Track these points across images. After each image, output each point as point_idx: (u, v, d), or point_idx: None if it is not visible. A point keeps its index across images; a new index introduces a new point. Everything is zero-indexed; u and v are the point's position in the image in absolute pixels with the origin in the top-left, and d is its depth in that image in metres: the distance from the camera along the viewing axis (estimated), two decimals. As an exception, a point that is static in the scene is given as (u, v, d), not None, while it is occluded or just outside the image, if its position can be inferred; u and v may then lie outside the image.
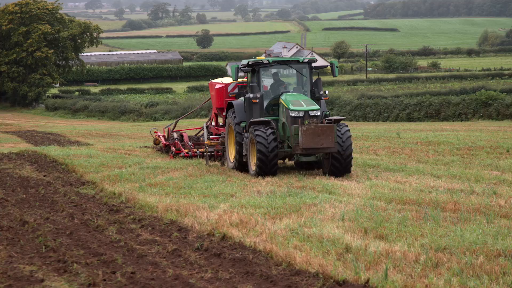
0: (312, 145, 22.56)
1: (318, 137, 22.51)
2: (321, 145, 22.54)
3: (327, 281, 10.63)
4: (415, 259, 11.61)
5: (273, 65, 24.73)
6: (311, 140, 22.52)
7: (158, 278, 11.10)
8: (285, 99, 23.67)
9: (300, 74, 24.86)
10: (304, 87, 24.88)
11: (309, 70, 24.83)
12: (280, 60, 24.77)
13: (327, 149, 22.66)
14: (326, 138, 22.49)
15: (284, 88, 24.96)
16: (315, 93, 24.73)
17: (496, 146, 30.54)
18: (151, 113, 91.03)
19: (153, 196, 19.48)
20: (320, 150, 22.89)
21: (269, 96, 24.82)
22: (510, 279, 10.37)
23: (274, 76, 25.25)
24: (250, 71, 24.83)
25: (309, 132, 22.52)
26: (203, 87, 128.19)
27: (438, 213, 15.53)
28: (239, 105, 25.18)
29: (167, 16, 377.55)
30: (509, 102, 61.44)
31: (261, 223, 14.89)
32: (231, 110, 25.44)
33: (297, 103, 23.42)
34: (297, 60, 24.77)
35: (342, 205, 16.99)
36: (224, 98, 28.49)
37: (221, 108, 28.87)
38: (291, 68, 24.93)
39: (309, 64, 24.85)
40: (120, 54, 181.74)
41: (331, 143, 22.54)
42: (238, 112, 24.92)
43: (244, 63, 25.10)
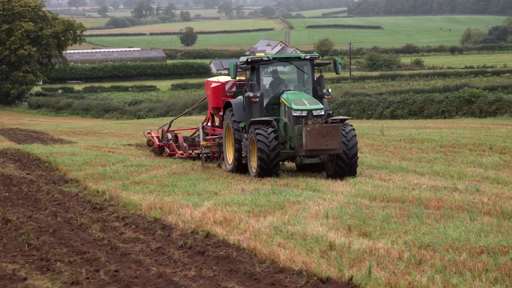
0: (316, 146, 21.65)
1: (323, 137, 21.58)
2: (326, 146, 21.63)
3: (311, 278, 10.64)
4: (398, 256, 11.64)
5: (273, 62, 23.73)
6: (315, 141, 21.60)
7: (141, 276, 11.07)
8: (287, 98, 22.72)
9: (302, 71, 23.89)
10: (306, 85, 23.93)
11: (311, 67, 23.83)
12: (281, 57, 23.93)
13: (332, 150, 21.77)
14: (331, 138, 21.57)
15: (284, 87, 23.94)
16: (318, 91, 23.73)
17: (479, 144, 30.66)
18: (134, 111, 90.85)
19: (136, 194, 19.44)
20: (325, 152, 21.96)
21: (269, 95, 23.87)
22: (492, 276, 10.42)
23: (273, 74, 24.29)
24: (250, 69, 23.71)
25: (313, 132, 21.60)
26: (187, 84, 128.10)
27: (422, 211, 15.58)
28: (238, 104, 24.20)
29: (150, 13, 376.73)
30: (492, 100, 61.68)
31: (245, 220, 14.88)
32: (229, 110, 24.47)
33: (299, 102, 22.47)
34: (298, 57, 23.84)
35: (326, 202, 17.01)
36: (221, 97, 27.43)
37: (217, 107, 27.80)
38: (291, 66, 23.94)
39: (311, 61, 23.83)
40: (104, 51, 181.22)
41: (336, 144, 21.65)
42: (236, 112, 23.97)
43: (243, 60, 24.03)
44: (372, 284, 10.13)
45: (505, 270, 10.62)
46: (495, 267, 10.79)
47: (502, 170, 23.39)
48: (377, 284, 10.13)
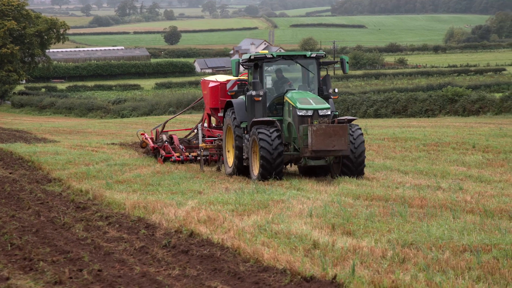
0: (322, 147, 20.60)
1: (330, 138, 20.55)
2: (332, 147, 20.60)
3: (295, 277, 10.64)
4: (382, 255, 11.66)
5: (277, 60, 22.72)
6: (321, 141, 20.55)
7: (125, 276, 11.05)
8: (291, 97, 21.77)
9: (307, 70, 22.91)
10: (311, 85, 22.95)
11: (317, 66, 22.89)
12: (285, 54, 22.92)
13: (339, 151, 20.73)
14: (339, 139, 20.55)
15: (289, 86, 22.90)
16: (323, 91, 22.78)
17: (462, 142, 30.78)
18: (118, 109, 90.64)
19: (120, 193, 19.40)
20: (331, 153, 20.91)
21: (272, 94, 22.84)
22: (475, 274, 10.46)
23: (277, 73, 23.22)
24: (252, 67, 22.73)
25: (319, 132, 20.57)
26: (171, 83, 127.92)
27: (405, 209, 15.62)
28: (239, 104, 23.22)
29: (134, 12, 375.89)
30: (475, 98, 61.95)
31: (229, 219, 14.88)
32: (230, 110, 23.45)
33: (305, 101, 21.50)
34: (303, 55, 22.78)
35: (310, 201, 17.03)
36: (219, 97, 26.56)
37: (215, 108, 26.88)
38: (296, 64, 22.93)
39: (316, 59, 22.87)
40: (87, 50, 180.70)
41: (344, 145, 20.61)
42: (238, 112, 22.98)
43: (245, 58, 23.05)
44: (356, 283, 10.14)
45: (487, 268, 10.66)
46: (478, 265, 10.83)
47: (485, 169, 23.49)
48: (360, 282, 10.14)
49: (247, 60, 22.88)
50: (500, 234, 12.91)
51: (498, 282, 10.11)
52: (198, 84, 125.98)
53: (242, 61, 23.03)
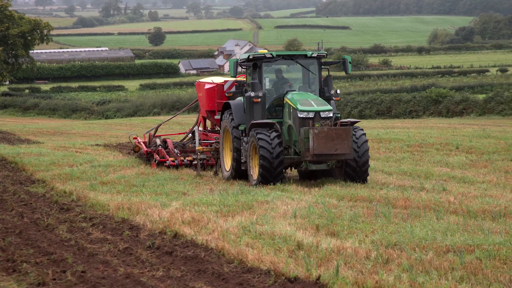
0: (324, 151, 19.82)
1: (332, 141, 19.77)
2: (335, 151, 19.82)
3: (279, 278, 10.65)
4: (366, 256, 11.69)
5: (277, 59, 21.86)
6: (323, 145, 19.78)
7: (109, 277, 11.03)
8: (292, 98, 20.96)
9: (308, 70, 22.11)
10: (312, 86, 22.13)
11: (318, 66, 22.08)
12: (285, 54, 22.04)
13: (342, 155, 20.04)
14: (341, 142, 19.79)
15: (289, 87, 22.08)
16: (325, 92, 21.95)
17: (446, 143, 30.90)
18: (102, 111, 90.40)
19: (104, 194, 19.36)
20: (334, 157, 20.18)
21: (272, 95, 21.99)
22: (458, 275, 10.51)
23: (276, 73, 22.41)
24: (251, 67, 21.82)
25: (321, 135, 19.79)
26: (155, 84, 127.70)
27: (389, 210, 15.67)
28: (237, 105, 22.36)
29: (118, 13, 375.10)
30: (458, 100, 62.24)
31: (213, 221, 14.87)
32: (228, 112, 22.62)
33: (306, 102, 20.70)
34: (304, 54, 21.97)
35: (294, 202, 17.05)
36: (215, 99, 25.82)
37: (211, 111, 26.18)
38: (296, 64, 22.14)
39: (318, 59, 22.07)
40: (71, 51, 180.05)
41: (346, 148, 19.88)
42: (236, 114, 22.14)
43: (243, 58, 22.25)
44: (340, 283, 10.16)
45: (470, 268, 10.71)
46: (461, 265, 10.88)
47: (468, 170, 23.60)
48: (344, 283, 10.17)
49: (246, 60, 22.12)
50: (483, 234, 12.97)
51: (481, 283, 10.16)
52: (182, 85, 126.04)
53: (241, 61, 22.26)
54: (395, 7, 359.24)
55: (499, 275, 10.35)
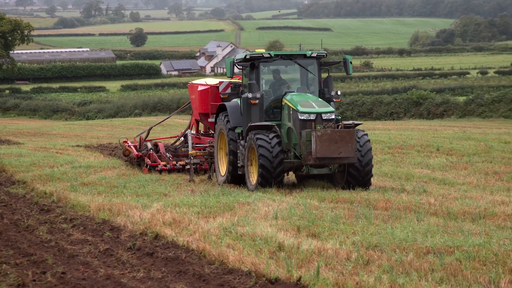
0: (328, 154, 19.02)
1: (335, 144, 18.95)
2: (338, 154, 19.01)
3: (260, 279, 10.66)
4: (346, 257, 11.72)
5: (275, 59, 21.10)
6: (327, 148, 18.96)
7: (89, 278, 10.99)
8: (291, 100, 20.21)
9: (307, 71, 21.41)
10: (310, 87, 21.45)
11: (318, 66, 21.35)
12: (284, 54, 21.32)
13: (346, 159, 19.20)
14: (345, 145, 18.99)
15: (287, 88, 21.36)
16: (325, 93, 21.16)
17: (427, 145, 31.03)
18: (84, 111, 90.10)
19: (85, 195, 19.30)
20: (337, 161, 19.31)
21: (269, 97, 21.21)
22: (438, 276, 10.55)
23: (274, 74, 21.63)
24: (248, 67, 21.00)
25: (324, 138, 19.00)
26: (137, 85, 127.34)
27: (370, 211, 15.72)
28: (233, 107, 21.57)
29: (100, 14, 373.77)
30: (439, 102, 62.58)
31: (195, 222, 14.86)
32: (223, 114, 21.78)
33: (306, 104, 19.97)
34: (303, 54, 21.29)
35: (275, 203, 17.06)
36: (209, 101, 25.06)
37: (204, 113, 25.42)
38: (294, 65, 21.43)
39: (317, 59, 21.33)
40: (52, 52, 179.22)
41: (350, 151, 19.07)
42: (232, 116, 21.33)
43: (240, 57, 21.45)
44: (320, 285, 10.18)
45: (450, 270, 10.76)
46: (441, 267, 10.92)
47: (448, 171, 23.72)
48: (325, 284, 10.19)
49: (242, 60, 21.32)
50: (463, 236, 13.04)
51: (461, 284, 10.21)
52: (164, 86, 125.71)
53: (237, 60, 21.44)
54: (376, 9, 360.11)
55: (479, 276, 10.41)
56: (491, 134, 37.21)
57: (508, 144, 31.35)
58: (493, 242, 12.40)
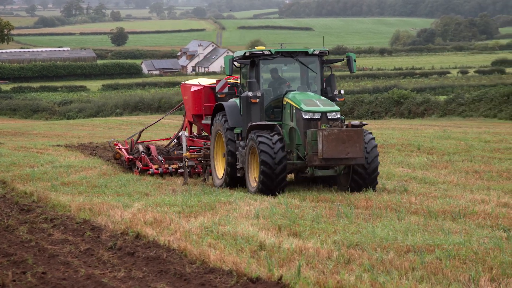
0: (335, 155, 18.23)
1: (343, 144, 18.19)
2: (346, 154, 18.25)
3: (241, 278, 10.66)
4: (327, 256, 11.74)
5: (276, 57, 20.28)
6: (334, 148, 18.18)
7: (69, 278, 10.96)
8: (294, 98, 19.52)
9: (308, 69, 20.67)
10: (311, 86, 20.70)
11: (320, 64, 20.62)
12: (284, 51, 20.44)
13: (353, 159, 18.45)
14: (353, 146, 18.25)
15: (287, 87, 20.56)
16: (328, 93, 20.49)
17: (407, 144, 31.14)
18: (64, 111, 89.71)
19: (66, 195, 19.23)
20: (344, 161, 18.54)
21: (269, 96, 20.46)
22: (419, 274, 10.59)
23: (273, 73, 20.90)
24: (248, 64, 20.30)
25: (331, 137, 18.22)
26: (118, 85, 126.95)
27: (351, 210, 15.75)
28: (232, 107, 20.72)
29: (80, 13, 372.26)
30: (420, 101, 62.79)
31: (176, 221, 14.85)
32: (221, 114, 20.97)
33: (310, 102, 19.28)
34: (305, 51, 20.50)
35: (256, 203, 17.07)
36: (203, 102, 24.31)
37: (198, 115, 24.64)
38: (294, 63, 20.72)
39: (319, 57, 20.59)
40: (32, 51, 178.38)
41: (359, 152, 18.34)
42: (230, 116, 20.48)
43: (239, 55, 20.57)
44: (301, 284, 10.20)
45: (430, 268, 10.81)
46: (421, 265, 10.97)
47: (429, 170, 23.80)
48: (306, 283, 10.20)
49: (242, 57, 20.45)
50: (443, 234, 13.10)
51: (441, 282, 10.25)
52: (145, 85, 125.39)
53: (236, 58, 20.55)
54: (357, 9, 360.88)
55: (459, 275, 10.46)
56: (471, 133, 37.38)
57: (488, 143, 31.52)
58: (473, 240, 12.47)
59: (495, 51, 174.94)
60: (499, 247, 11.86)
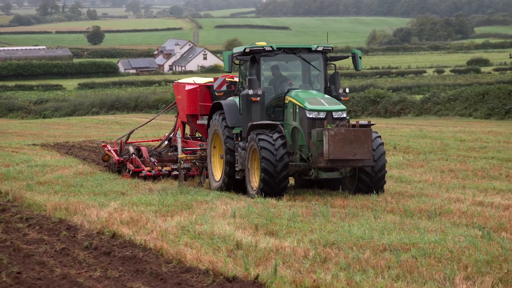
0: (341, 156, 17.37)
1: (350, 145, 17.32)
2: (353, 156, 17.39)
3: (217, 277, 10.66)
4: (304, 255, 11.76)
5: (277, 53, 19.46)
6: (340, 149, 17.30)
7: (45, 278, 10.90)
8: (297, 96, 18.70)
9: (310, 66, 19.84)
10: (313, 84, 19.85)
11: (324, 61, 19.81)
12: (287, 47, 19.64)
13: (361, 161, 17.66)
14: (361, 146, 17.40)
15: (289, 85, 19.76)
16: (332, 91, 19.61)
17: (384, 143, 31.21)
18: (40, 110, 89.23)
19: (41, 194, 19.13)
20: (351, 163, 17.74)
21: (270, 95, 19.59)
22: (394, 273, 10.63)
23: (273, 70, 20.05)
24: (249, 61, 19.39)
25: (338, 138, 17.34)
26: (94, 84, 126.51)
27: (327, 209, 15.78)
28: (230, 105, 19.86)
29: (56, 11, 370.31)
30: (396, 100, 63.05)
31: (152, 220, 14.81)
32: (218, 113, 20.08)
33: (315, 101, 18.45)
34: (308, 48, 19.68)
35: (233, 202, 17.08)
36: (198, 102, 23.22)
37: (193, 115, 23.46)
38: (295, 60, 19.92)
39: (323, 53, 19.77)
40: (8, 50, 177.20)
41: (367, 153, 17.49)
42: (229, 115, 19.59)
43: (239, 51, 19.72)
44: (278, 283, 10.20)
45: (406, 267, 10.85)
46: (397, 264, 11.01)
47: (405, 169, 23.91)
48: (282, 282, 10.21)
49: (242, 53, 19.61)
50: (419, 233, 13.16)
51: (416, 281, 10.30)
52: (122, 84, 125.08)
53: (235, 54, 19.69)
54: (334, 8, 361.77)
55: (434, 273, 10.51)
56: (447, 132, 37.60)
57: (463, 142, 31.71)
58: (448, 239, 12.54)
59: (470, 51, 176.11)
60: (474, 245, 11.94)
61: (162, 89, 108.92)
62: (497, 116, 54.75)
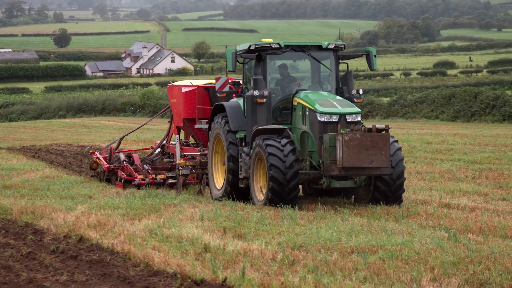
0: (356, 164, 15.94)
1: (366, 151, 15.88)
2: (369, 163, 15.94)
3: (185, 281, 10.63)
4: (272, 257, 11.76)
5: (285, 50, 17.99)
6: (356, 155, 15.87)
7: (11, 282, 10.80)
8: (306, 98, 17.23)
9: (320, 65, 18.41)
10: (324, 85, 18.40)
11: (335, 60, 18.35)
12: (295, 45, 18.19)
13: (377, 169, 16.19)
14: (378, 153, 15.94)
15: (298, 86, 18.29)
16: (344, 92, 18.12)
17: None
18: (6, 113, 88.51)
19: (7, 198, 18.98)
20: (367, 171, 16.28)
21: (276, 96, 18.11)
22: (362, 275, 10.67)
23: (281, 69, 18.61)
24: (254, 59, 17.89)
25: (353, 143, 15.90)
26: (61, 87, 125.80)
27: (295, 212, 15.81)
28: (234, 108, 18.35)
29: (22, 14, 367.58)
30: (363, 103, 63.31)
31: (120, 224, 14.75)
32: (221, 116, 18.56)
33: (326, 103, 16.98)
34: (318, 45, 18.23)
35: (202, 205, 17.06)
36: (196, 105, 21.81)
37: (190, 119, 22.05)
38: (304, 59, 18.60)
39: (335, 51, 18.34)
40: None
41: (384, 161, 16.02)
42: (232, 118, 18.10)
43: (243, 48, 18.20)
44: (246, 285, 10.20)
45: (374, 269, 10.89)
46: (364, 266, 11.05)
47: (372, 171, 23.98)
48: (250, 285, 10.21)
49: (246, 50, 18.09)
50: (386, 235, 13.22)
51: (384, 283, 10.34)
52: (89, 87, 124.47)
53: (239, 51, 18.22)
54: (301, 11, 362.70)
55: (401, 275, 10.56)
56: (414, 134, 37.85)
57: (430, 144, 31.95)
58: (415, 241, 12.61)
59: (436, 53, 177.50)
60: (440, 247, 12.02)
61: (129, 92, 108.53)
62: (463, 118, 55.27)
